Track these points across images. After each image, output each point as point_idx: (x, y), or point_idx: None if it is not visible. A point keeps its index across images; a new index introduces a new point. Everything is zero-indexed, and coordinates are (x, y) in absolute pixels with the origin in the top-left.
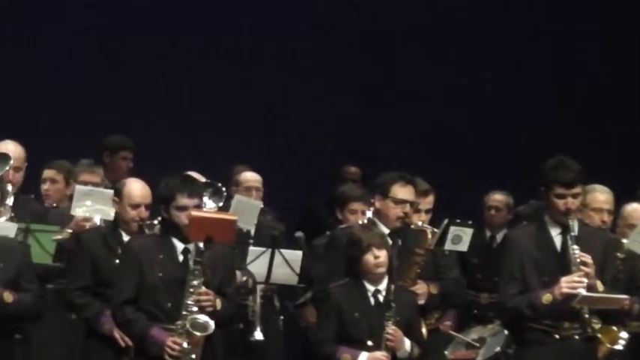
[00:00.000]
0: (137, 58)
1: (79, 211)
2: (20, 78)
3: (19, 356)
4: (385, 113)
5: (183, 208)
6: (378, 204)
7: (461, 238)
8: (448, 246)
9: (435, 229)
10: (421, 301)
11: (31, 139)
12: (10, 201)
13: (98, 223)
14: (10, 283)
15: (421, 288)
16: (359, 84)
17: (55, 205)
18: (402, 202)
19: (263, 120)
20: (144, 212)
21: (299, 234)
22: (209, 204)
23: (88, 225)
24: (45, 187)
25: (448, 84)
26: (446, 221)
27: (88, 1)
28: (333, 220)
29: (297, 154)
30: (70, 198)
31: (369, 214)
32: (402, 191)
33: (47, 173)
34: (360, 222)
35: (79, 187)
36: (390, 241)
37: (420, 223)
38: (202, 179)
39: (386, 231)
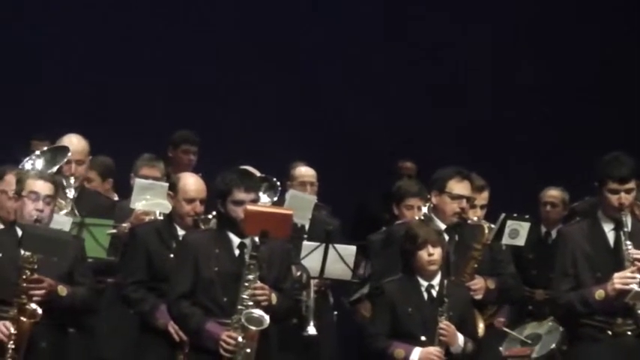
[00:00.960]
0: (202, 53)
1: (138, 205)
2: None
3: (73, 349)
4: (439, 110)
5: (240, 203)
6: (434, 199)
7: (518, 232)
8: (505, 240)
9: (492, 225)
10: (478, 297)
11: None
12: (71, 194)
13: (158, 217)
14: (64, 277)
15: (478, 283)
16: (416, 81)
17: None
18: (459, 197)
19: (319, 115)
20: (199, 207)
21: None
22: (263, 198)
23: (147, 219)
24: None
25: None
26: (503, 215)
27: None
28: (389, 215)
29: (353, 149)
30: (111, 193)
31: (425, 209)
32: (459, 187)
33: None
34: (417, 217)
35: (139, 181)
36: (447, 237)
37: (476, 219)
38: (257, 173)
39: (442, 226)
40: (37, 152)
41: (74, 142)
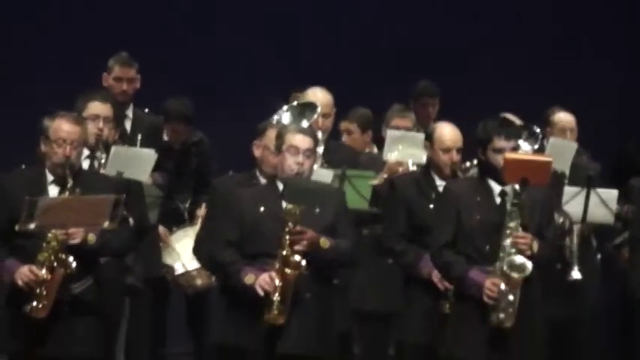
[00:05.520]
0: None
1: (391, 155)
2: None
3: (337, 301)
4: None
5: (500, 151)
6: None
7: None
8: None
9: None
10: None
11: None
12: (320, 149)
13: (411, 167)
14: (327, 229)
15: None
16: None
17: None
18: None
19: (577, 62)
20: (455, 156)
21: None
22: (524, 146)
23: (400, 169)
24: (342, 139)
25: None
26: None
27: None
28: None
29: (612, 94)
30: (370, 145)
31: None
32: None
33: (342, 125)
34: None
35: (390, 132)
36: None
37: None
38: (518, 121)
39: None
40: (285, 107)
41: (319, 95)
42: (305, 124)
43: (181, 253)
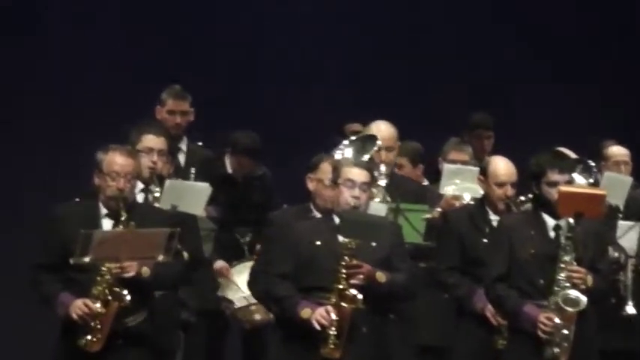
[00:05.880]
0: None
1: (448, 189)
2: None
3: (393, 335)
4: None
5: (554, 184)
6: None
7: None
8: None
9: None
10: None
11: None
12: (382, 182)
13: (467, 201)
14: (383, 262)
15: None
16: None
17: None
18: None
19: (631, 91)
20: (510, 190)
21: None
22: (579, 180)
23: (457, 203)
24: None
25: None
26: None
27: None
28: None
29: None
30: (421, 178)
31: None
32: None
33: None
34: None
35: (447, 166)
36: None
37: None
38: (572, 155)
39: None
40: (346, 142)
41: (382, 128)
42: (366, 157)
43: (242, 286)
